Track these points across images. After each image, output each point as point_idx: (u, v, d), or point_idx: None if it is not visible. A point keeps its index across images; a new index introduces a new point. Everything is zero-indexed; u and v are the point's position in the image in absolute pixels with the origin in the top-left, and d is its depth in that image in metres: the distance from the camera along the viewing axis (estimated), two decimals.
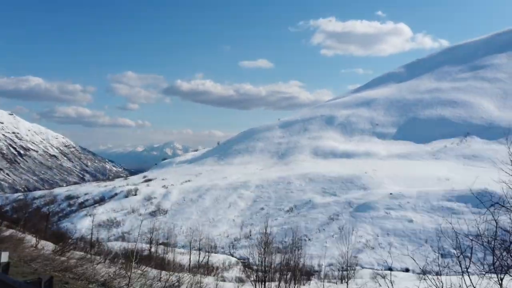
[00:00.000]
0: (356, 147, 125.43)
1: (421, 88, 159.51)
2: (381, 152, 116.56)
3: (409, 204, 68.96)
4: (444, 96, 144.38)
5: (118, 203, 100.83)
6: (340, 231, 66.40)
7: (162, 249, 60.14)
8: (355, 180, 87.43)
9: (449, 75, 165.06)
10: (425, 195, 70.32)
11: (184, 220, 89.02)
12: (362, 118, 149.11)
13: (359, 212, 70.39)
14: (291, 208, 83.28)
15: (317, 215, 74.13)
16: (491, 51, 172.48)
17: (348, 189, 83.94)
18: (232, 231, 79.97)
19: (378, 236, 62.39)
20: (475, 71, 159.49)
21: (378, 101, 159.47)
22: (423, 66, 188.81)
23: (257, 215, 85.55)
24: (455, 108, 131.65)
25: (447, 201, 67.43)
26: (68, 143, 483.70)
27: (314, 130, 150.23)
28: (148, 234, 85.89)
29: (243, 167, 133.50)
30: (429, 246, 57.42)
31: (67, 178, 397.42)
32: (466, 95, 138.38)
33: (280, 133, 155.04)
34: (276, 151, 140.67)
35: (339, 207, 74.93)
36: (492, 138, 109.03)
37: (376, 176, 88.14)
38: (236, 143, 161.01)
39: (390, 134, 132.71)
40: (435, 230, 60.62)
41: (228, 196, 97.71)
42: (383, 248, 59.57)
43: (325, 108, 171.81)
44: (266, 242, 24.82)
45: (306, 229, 70.15)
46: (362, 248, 60.20)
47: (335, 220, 70.39)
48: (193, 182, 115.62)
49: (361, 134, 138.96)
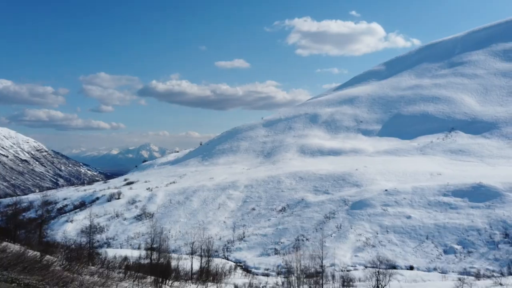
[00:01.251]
0: (342, 145, 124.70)
1: (402, 85, 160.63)
2: (368, 148, 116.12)
3: (405, 200, 68.05)
4: (425, 92, 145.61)
5: (100, 207, 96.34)
6: (338, 229, 64.84)
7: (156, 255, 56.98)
8: (347, 177, 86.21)
9: (428, 72, 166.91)
10: (420, 191, 69.60)
11: (172, 223, 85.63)
12: (346, 116, 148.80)
13: (355, 209, 69.00)
14: (284, 208, 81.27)
15: (313, 214, 72.35)
16: (468, 48, 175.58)
17: (340, 187, 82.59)
18: (224, 233, 77.25)
19: (378, 233, 61.06)
20: (454, 67, 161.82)
21: (361, 99, 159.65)
22: (402, 63, 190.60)
23: (248, 215, 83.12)
24: (437, 104, 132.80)
25: (443, 196, 66.86)
26: (40, 147, 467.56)
27: (299, 128, 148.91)
28: (135, 240, 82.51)
29: (228, 167, 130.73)
30: (430, 242, 56.43)
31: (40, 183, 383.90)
32: (447, 91, 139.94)
33: (264, 132, 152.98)
34: (262, 150, 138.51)
35: (334, 205, 73.39)
36: (477, 132, 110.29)
37: (367, 172, 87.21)
38: (220, 143, 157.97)
39: (375, 130, 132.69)
40: (435, 225, 59.84)
41: (217, 197, 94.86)
42: (383, 245, 58.25)
43: (308, 106, 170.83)
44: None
45: (302, 228, 68.26)
46: (363, 246, 58.71)
47: (331, 218, 68.75)
48: (179, 184, 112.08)
49: (346, 131, 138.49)
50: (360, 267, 53.51)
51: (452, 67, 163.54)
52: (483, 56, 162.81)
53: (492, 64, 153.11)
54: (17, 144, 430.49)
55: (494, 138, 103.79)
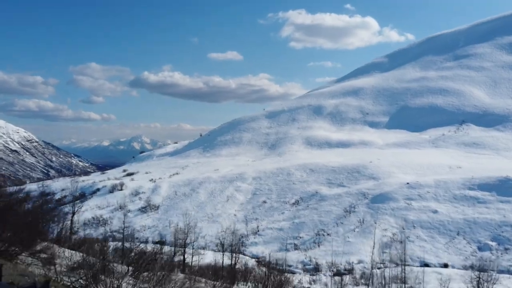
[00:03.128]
0: (349, 137, 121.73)
1: (407, 77, 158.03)
2: (377, 141, 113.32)
3: (429, 193, 65.18)
4: (432, 84, 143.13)
5: (102, 199, 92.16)
6: (360, 224, 61.81)
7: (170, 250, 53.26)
8: (361, 169, 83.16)
9: (433, 64, 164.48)
10: (444, 184, 66.79)
11: (179, 216, 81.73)
12: (351, 107, 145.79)
13: (376, 203, 65.97)
14: (297, 201, 78.01)
15: (330, 207, 69.19)
16: (472, 40, 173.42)
17: (356, 180, 79.50)
18: (236, 226, 73.67)
19: (404, 228, 58.13)
20: (459, 60, 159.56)
21: (365, 90, 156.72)
22: (406, 55, 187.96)
23: (260, 208, 79.72)
24: (446, 97, 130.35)
25: (469, 189, 64.14)
26: (31, 137, 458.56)
27: (303, 120, 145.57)
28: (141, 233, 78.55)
29: (231, 159, 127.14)
30: (462, 239, 53.64)
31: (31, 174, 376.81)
32: (455, 84, 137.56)
33: (267, 124, 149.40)
34: (265, 142, 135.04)
35: (353, 198, 70.30)
36: (489, 125, 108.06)
37: (382, 165, 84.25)
38: (221, 134, 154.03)
39: (382, 123, 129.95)
40: (464, 220, 57.07)
41: (224, 189, 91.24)
42: (412, 241, 55.33)
43: (311, 98, 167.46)
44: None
45: (321, 223, 65.11)
46: (390, 242, 55.70)
47: (351, 212, 65.66)
48: (182, 175, 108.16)
49: (352, 123, 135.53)
50: (390, 264, 50.44)
51: (457, 59, 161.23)
52: (489, 49, 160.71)
53: (499, 57, 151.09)
54: (7, 134, 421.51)
55: (508, 131, 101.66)
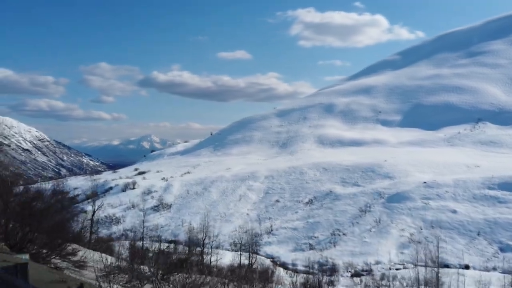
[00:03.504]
0: (362, 135, 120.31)
1: (420, 75, 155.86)
2: (390, 139, 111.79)
3: (447, 193, 63.76)
4: (446, 82, 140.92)
5: (115, 197, 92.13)
6: (377, 224, 60.64)
7: None
8: (376, 168, 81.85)
9: (447, 62, 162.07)
10: (463, 184, 65.29)
11: (192, 214, 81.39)
12: (363, 106, 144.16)
13: (393, 203, 64.73)
14: (311, 200, 77.02)
15: (345, 207, 68.09)
16: (486, 37, 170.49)
17: (371, 179, 78.24)
18: (249, 226, 73.00)
19: (422, 229, 56.85)
20: (473, 57, 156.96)
21: (377, 88, 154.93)
22: (418, 53, 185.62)
23: (273, 207, 78.89)
24: (461, 94, 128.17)
25: (488, 189, 62.58)
26: (42, 136, 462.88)
27: (314, 118, 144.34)
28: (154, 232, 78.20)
29: (242, 158, 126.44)
30: (482, 239, 52.24)
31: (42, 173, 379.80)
32: (470, 81, 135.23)
33: (278, 122, 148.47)
34: (276, 141, 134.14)
35: (368, 198, 69.11)
36: (505, 123, 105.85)
37: (398, 164, 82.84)
38: (231, 133, 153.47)
39: (395, 121, 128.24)
40: (484, 221, 55.62)
41: (236, 188, 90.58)
42: (430, 242, 53.86)
43: (322, 96, 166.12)
44: None
45: (336, 222, 64.07)
46: (408, 242, 54.52)
47: (367, 212, 64.52)
48: (194, 174, 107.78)
49: (365, 122, 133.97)
50: (409, 265, 49.32)
51: (471, 56, 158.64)
52: (503, 45, 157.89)
53: None
54: (19, 133, 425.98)
55: None
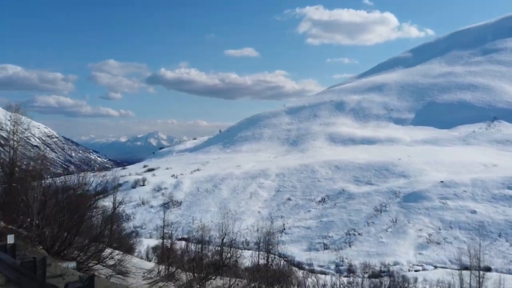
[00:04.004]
0: (374, 133, 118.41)
1: (433, 72, 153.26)
2: (403, 138, 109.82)
3: (466, 193, 62.01)
4: (460, 80, 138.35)
5: (125, 194, 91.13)
6: (393, 224, 59.12)
7: None
8: (390, 167, 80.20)
9: (460, 59, 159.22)
10: (481, 183, 63.49)
11: (202, 212, 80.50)
12: (374, 103, 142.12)
13: (409, 202, 63.13)
14: (323, 199, 75.64)
15: (360, 206, 66.62)
16: (501, 35, 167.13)
17: (385, 177, 76.64)
18: (261, 224, 71.88)
19: (440, 229, 55.27)
20: (488, 55, 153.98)
21: (389, 86, 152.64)
22: (430, 50, 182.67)
23: (285, 206, 77.66)
24: (475, 92, 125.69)
25: (508, 189, 60.78)
26: (51, 133, 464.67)
27: (325, 116, 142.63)
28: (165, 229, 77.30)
29: (252, 155, 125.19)
30: (504, 241, 50.55)
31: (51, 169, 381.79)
32: (484, 79, 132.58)
33: (288, 120, 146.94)
34: (287, 138, 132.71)
35: (383, 197, 67.57)
36: None
37: (413, 162, 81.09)
38: (241, 130, 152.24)
39: (408, 119, 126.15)
40: (505, 221, 53.88)
41: (247, 185, 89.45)
42: (449, 243, 52.47)
43: (333, 93, 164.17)
44: None
45: (350, 222, 62.68)
46: (426, 243, 53.01)
47: (383, 212, 63.02)
48: (204, 171, 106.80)
49: (377, 120, 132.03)
50: (428, 267, 47.82)
51: (485, 54, 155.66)
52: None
53: None
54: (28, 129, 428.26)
55: None
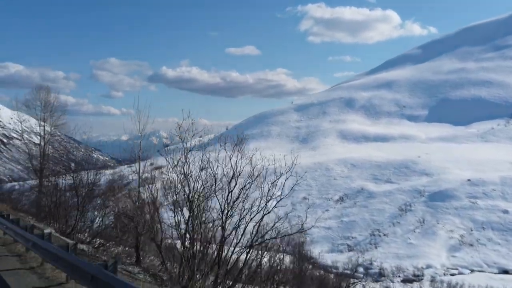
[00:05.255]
0: (387, 130, 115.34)
1: (444, 69, 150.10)
2: (418, 135, 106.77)
3: (495, 192, 58.98)
4: (472, 76, 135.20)
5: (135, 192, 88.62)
6: (420, 224, 56.08)
7: None
8: (410, 165, 77.14)
9: (471, 55, 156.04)
10: (511, 181, 60.42)
11: None
12: (385, 100, 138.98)
13: (436, 201, 60.10)
14: (342, 198, 72.61)
15: (382, 205, 63.60)
16: None
17: (405, 175, 73.57)
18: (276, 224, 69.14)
19: (472, 230, 52.23)
20: (500, 50, 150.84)
21: (399, 83, 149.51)
22: (440, 47, 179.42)
23: (301, 205, 74.45)
24: (490, 89, 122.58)
25: None
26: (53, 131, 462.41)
27: (334, 113, 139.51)
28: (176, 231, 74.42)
29: (259, 153, 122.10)
30: None
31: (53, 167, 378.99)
32: (498, 75, 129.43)
33: (297, 117, 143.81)
34: (296, 136, 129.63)
35: (406, 196, 64.54)
36: None
37: (434, 160, 78.01)
38: (247, 128, 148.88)
39: (422, 116, 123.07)
40: None
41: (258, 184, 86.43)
42: (483, 244, 49.44)
43: (342, 90, 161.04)
44: None
45: (374, 222, 59.68)
46: (458, 245, 49.97)
47: (408, 211, 59.99)
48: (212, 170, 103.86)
49: (388, 117, 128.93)
50: (464, 271, 44.80)
51: (497, 50, 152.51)
52: None
53: None
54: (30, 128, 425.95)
55: None
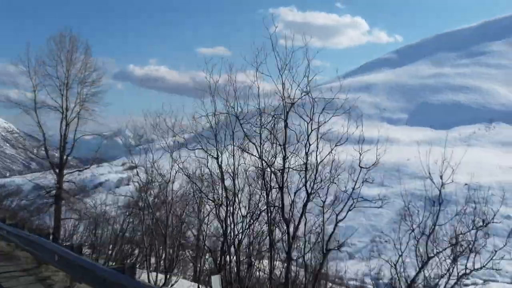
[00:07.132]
0: (370, 133, 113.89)
1: (422, 73, 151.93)
2: (402, 138, 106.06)
3: (494, 196, 57.38)
4: (450, 81, 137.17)
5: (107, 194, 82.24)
6: None
7: None
8: (401, 168, 75.38)
9: (447, 61, 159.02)
10: (510, 187, 59.30)
11: None
12: (365, 104, 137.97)
13: (434, 206, 57.90)
14: (332, 201, 69.57)
15: (379, 210, 60.74)
16: (486, 38, 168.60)
17: (398, 179, 71.28)
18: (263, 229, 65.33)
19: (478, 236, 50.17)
20: (475, 57, 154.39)
21: (378, 86, 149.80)
22: (416, 52, 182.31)
23: None
24: (468, 94, 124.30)
25: None
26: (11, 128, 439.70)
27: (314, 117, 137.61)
28: None
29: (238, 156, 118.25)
30: None
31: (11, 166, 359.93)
32: (475, 81, 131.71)
33: None
34: None
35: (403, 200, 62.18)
36: None
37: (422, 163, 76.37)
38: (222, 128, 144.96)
39: (402, 119, 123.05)
40: None
41: None
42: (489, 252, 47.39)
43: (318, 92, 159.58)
44: None
45: (373, 228, 56.95)
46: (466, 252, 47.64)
47: (407, 216, 57.45)
48: None
49: (368, 120, 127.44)
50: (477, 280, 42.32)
51: (472, 57, 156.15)
52: (504, 46, 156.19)
53: None
54: None
55: None
